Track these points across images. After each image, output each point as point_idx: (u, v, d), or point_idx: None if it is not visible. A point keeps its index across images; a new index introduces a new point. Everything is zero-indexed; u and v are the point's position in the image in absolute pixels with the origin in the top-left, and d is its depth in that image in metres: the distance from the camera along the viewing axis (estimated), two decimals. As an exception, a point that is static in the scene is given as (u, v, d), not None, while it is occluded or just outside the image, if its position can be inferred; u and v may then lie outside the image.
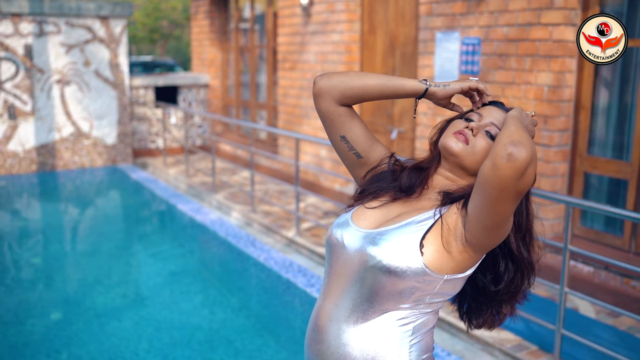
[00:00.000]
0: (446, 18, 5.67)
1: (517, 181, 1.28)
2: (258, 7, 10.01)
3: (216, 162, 9.34)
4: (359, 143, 1.68)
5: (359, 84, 1.62)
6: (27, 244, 6.61)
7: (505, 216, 1.36)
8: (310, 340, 1.59)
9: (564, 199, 3.37)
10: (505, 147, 1.27)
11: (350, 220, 1.58)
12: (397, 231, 1.48)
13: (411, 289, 1.46)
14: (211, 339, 4.29)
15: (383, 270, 1.45)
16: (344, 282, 1.53)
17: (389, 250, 1.45)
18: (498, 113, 1.58)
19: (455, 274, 1.48)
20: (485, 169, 1.31)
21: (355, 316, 1.50)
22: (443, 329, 4.16)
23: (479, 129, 1.54)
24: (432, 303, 1.51)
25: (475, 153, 1.53)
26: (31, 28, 9.12)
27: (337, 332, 1.52)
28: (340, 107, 1.66)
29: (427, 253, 1.44)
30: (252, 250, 5.76)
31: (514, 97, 5.11)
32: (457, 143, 1.53)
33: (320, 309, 1.57)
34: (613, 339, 3.93)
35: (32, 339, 4.23)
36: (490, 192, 1.31)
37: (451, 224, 1.47)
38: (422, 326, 1.53)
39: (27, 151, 9.33)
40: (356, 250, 1.51)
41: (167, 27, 25.32)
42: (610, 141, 4.86)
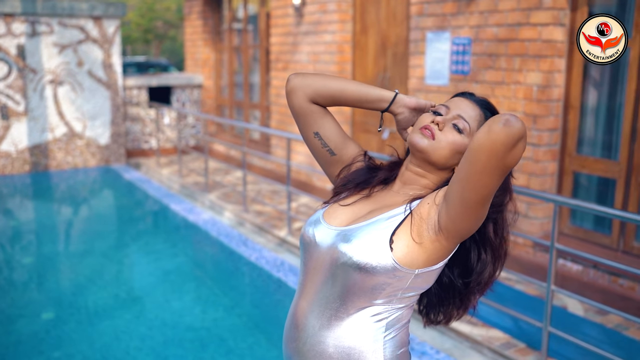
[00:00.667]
0: (437, 18, 5.70)
1: (508, 150, 1.28)
2: (251, 7, 10.03)
3: (209, 163, 9.35)
4: (332, 140, 1.70)
5: (335, 84, 1.66)
6: (19, 244, 6.61)
7: (489, 190, 1.35)
8: (287, 337, 1.60)
9: (550, 198, 3.41)
10: (502, 115, 1.29)
11: (322, 218, 1.59)
12: (368, 228, 1.49)
13: (382, 285, 1.46)
14: (203, 337, 4.31)
15: (354, 267, 1.45)
16: (317, 280, 1.54)
17: (359, 247, 1.46)
18: (467, 105, 1.57)
19: (426, 267, 1.48)
20: (479, 134, 1.30)
21: (329, 313, 1.51)
22: (432, 327, 4.18)
23: (445, 123, 1.54)
24: (405, 298, 1.52)
25: (442, 147, 1.52)
26: (24, 28, 9.12)
27: (312, 330, 1.53)
28: (312, 104, 1.68)
29: (397, 249, 1.45)
30: (243, 249, 5.78)
31: (504, 96, 5.15)
32: (422, 139, 1.53)
33: (296, 307, 1.59)
34: (600, 337, 3.96)
35: (24, 338, 4.24)
36: (479, 157, 1.30)
37: (424, 214, 1.47)
38: (396, 321, 1.53)
39: (19, 151, 9.33)
40: (328, 247, 1.53)
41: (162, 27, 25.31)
42: (599, 140, 4.90)
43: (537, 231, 5.02)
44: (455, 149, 1.53)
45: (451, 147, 1.53)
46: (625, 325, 4.13)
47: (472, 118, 1.55)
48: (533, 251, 5.07)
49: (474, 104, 1.58)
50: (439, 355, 3.82)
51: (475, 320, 4.14)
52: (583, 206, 3.28)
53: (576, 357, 3.68)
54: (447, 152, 1.53)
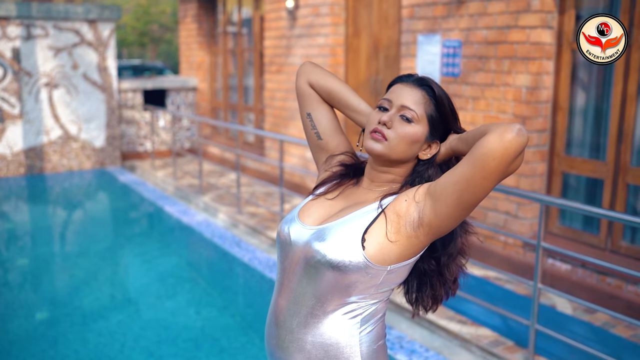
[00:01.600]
0: (427, 21, 5.77)
1: (514, 158, 1.32)
2: (245, 11, 10.09)
3: (204, 165, 9.40)
4: (321, 124, 1.75)
5: (335, 83, 1.74)
6: (14, 246, 6.65)
7: (485, 194, 1.39)
8: (268, 335, 1.63)
9: (536, 197, 3.47)
10: (513, 124, 1.32)
11: (297, 216, 1.62)
12: (340, 226, 1.51)
13: (355, 282, 1.48)
14: (196, 337, 4.35)
15: (327, 265, 1.47)
16: (293, 279, 1.56)
17: (333, 245, 1.47)
18: (408, 92, 1.55)
19: (398, 262, 1.49)
20: (489, 141, 1.32)
21: (305, 311, 1.53)
22: (422, 326, 4.24)
23: (392, 119, 1.53)
24: (379, 293, 1.54)
25: (397, 144, 1.53)
26: (19, 31, 9.16)
27: (290, 328, 1.56)
28: (311, 88, 1.76)
29: (369, 246, 1.46)
30: (237, 250, 5.83)
31: (494, 98, 5.22)
32: (375, 144, 1.53)
33: (275, 305, 1.61)
34: (588, 334, 4.02)
35: (18, 338, 4.28)
36: (489, 163, 1.32)
37: (401, 211, 1.48)
38: (371, 317, 1.55)
39: (15, 154, 9.37)
40: (302, 246, 1.55)
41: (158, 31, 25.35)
42: (587, 141, 4.97)
43: (527, 231, 5.08)
44: (409, 140, 1.53)
45: (405, 140, 1.53)
46: (612, 323, 4.19)
47: (417, 102, 1.54)
48: (523, 251, 5.13)
49: (413, 87, 1.56)
50: (428, 354, 3.87)
51: (464, 319, 4.20)
52: (568, 205, 3.34)
53: (563, 355, 3.74)
54: (403, 146, 1.53)
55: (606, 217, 3.19)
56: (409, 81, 1.58)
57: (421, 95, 1.55)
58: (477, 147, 1.35)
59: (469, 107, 5.45)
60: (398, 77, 1.62)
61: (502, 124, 1.34)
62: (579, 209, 3.25)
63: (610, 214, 3.13)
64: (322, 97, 1.76)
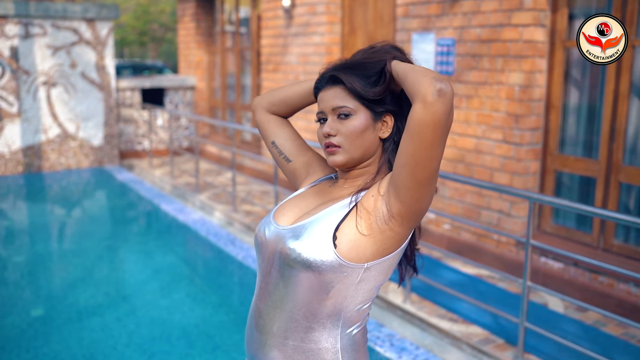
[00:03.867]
0: (422, 20, 5.79)
1: (448, 115, 1.29)
2: (243, 10, 10.11)
3: (202, 164, 9.42)
4: (286, 147, 1.76)
5: (282, 90, 1.76)
6: (11, 243, 6.67)
7: (438, 161, 1.36)
8: (247, 339, 1.61)
9: (524, 194, 3.48)
10: (431, 84, 1.28)
11: (272, 217, 1.60)
12: (313, 224, 1.48)
13: (331, 282, 1.45)
14: (190, 334, 4.37)
15: (302, 265, 1.45)
16: (270, 281, 1.54)
17: (306, 243, 1.45)
18: (329, 94, 1.54)
19: (376, 259, 1.46)
20: (416, 112, 1.29)
21: (284, 315, 1.51)
22: (413, 324, 4.26)
23: (333, 126, 1.52)
24: (359, 294, 1.50)
25: (351, 144, 1.51)
26: (17, 30, 9.18)
27: (270, 332, 1.53)
28: (269, 115, 1.78)
29: (341, 244, 1.43)
30: (231, 248, 5.85)
31: (487, 96, 5.23)
32: (333, 157, 1.53)
33: (254, 310, 1.59)
34: (579, 333, 4.04)
35: (12, 334, 4.30)
36: (425, 133, 1.30)
37: (369, 207, 1.45)
38: (353, 319, 1.53)
39: (13, 152, 9.39)
40: (277, 246, 1.53)
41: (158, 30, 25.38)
42: (580, 140, 4.98)
43: (520, 230, 5.10)
44: (359, 132, 1.51)
45: (355, 134, 1.51)
46: (603, 321, 4.20)
47: (341, 97, 1.51)
48: (516, 250, 5.14)
49: (330, 87, 1.55)
50: (419, 351, 3.89)
51: (455, 317, 4.21)
52: (555, 202, 3.36)
53: (553, 353, 3.75)
54: (358, 141, 1.52)
55: (594, 214, 3.20)
56: (324, 87, 1.56)
57: (340, 90, 1.52)
58: (409, 121, 1.33)
59: (462, 105, 5.47)
60: (315, 88, 1.61)
61: (422, 81, 1.30)
62: (566, 206, 3.27)
63: (598, 212, 3.15)
64: (283, 112, 1.77)
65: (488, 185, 3.83)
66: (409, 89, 1.35)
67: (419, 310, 4.30)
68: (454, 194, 5.66)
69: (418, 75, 1.33)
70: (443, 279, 4.87)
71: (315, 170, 1.73)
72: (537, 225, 5.18)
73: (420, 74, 1.32)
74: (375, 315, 4.42)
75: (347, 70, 1.52)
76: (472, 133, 5.40)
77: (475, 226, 3.95)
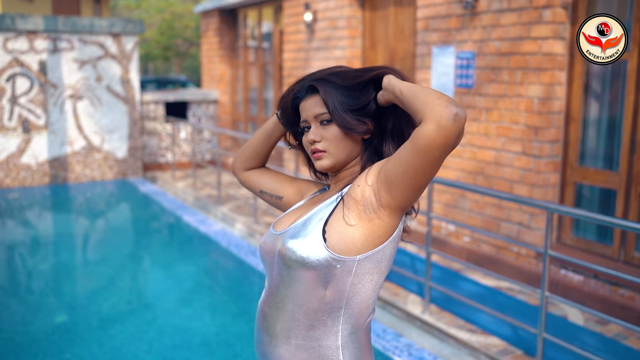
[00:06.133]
0: (442, 33, 5.83)
1: (458, 138, 1.36)
2: (265, 25, 10.25)
3: (224, 176, 9.52)
4: (273, 188, 1.87)
5: (247, 142, 1.89)
6: (37, 252, 6.81)
7: (435, 173, 1.42)
8: (256, 340, 1.69)
9: (542, 205, 3.49)
10: (447, 108, 1.32)
11: (272, 227, 1.70)
12: (303, 223, 1.56)
13: (327, 278, 1.50)
14: (211, 342, 4.42)
15: (298, 264, 1.51)
16: (273, 284, 1.62)
17: (298, 242, 1.51)
18: (310, 103, 1.60)
19: (368, 250, 1.50)
20: (428, 132, 1.33)
21: (286, 316, 1.57)
22: (432, 334, 4.27)
23: (316, 134, 1.59)
24: (358, 289, 1.54)
25: (335, 148, 1.58)
26: (46, 44, 9.40)
27: (274, 333, 1.60)
28: (248, 171, 1.91)
29: (331, 238, 1.49)
30: (252, 259, 5.91)
31: (506, 109, 5.25)
32: (321, 162, 1.60)
33: (259, 312, 1.67)
34: (599, 345, 4.02)
35: (38, 339, 4.39)
36: (433, 152, 1.35)
37: (357, 197, 1.49)
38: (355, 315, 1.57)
39: (40, 164, 9.58)
40: (275, 249, 1.61)
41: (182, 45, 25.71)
42: (600, 152, 4.97)
43: (539, 242, 5.09)
44: (342, 136, 1.58)
45: (339, 138, 1.58)
46: (624, 334, 4.18)
47: (321, 104, 1.58)
48: (535, 262, 5.13)
49: (310, 97, 1.61)
50: (437, 361, 3.90)
51: (474, 328, 4.22)
52: (574, 213, 3.37)
53: (572, 363, 3.74)
54: (342, 144, 1.58)
55: (612, 224, 3.20)
56: (304, 96, 1.63)
57: (317, 98, 1.59)
58: (417, 137, 1.36)
59: (482, 118, 5.49)
60: (295, 98, 1.65)
61: (437, 104, 1.34)
62: (584, 216, 3.28)
63: (616, 222, 3.15)
64: (257, 164, 1.89)
65: (506, 196, 3.84)
66: (418, 107, 1.39)
67: (437, 321, 4.31)
68: (473, 207, 5.67)
69: (431, 96, 1.37)
70: (462, 291, 4.88)
71: (308, 190, 1.82)
72: (557, 238, 5.17)
73: (434, 96, 1.37)
74: (394, 325, 4.44)
75: (324, 80, 1.59)
76: (492, 145, 5.42)
77: (494, 237, 3.96)
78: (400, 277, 5.09)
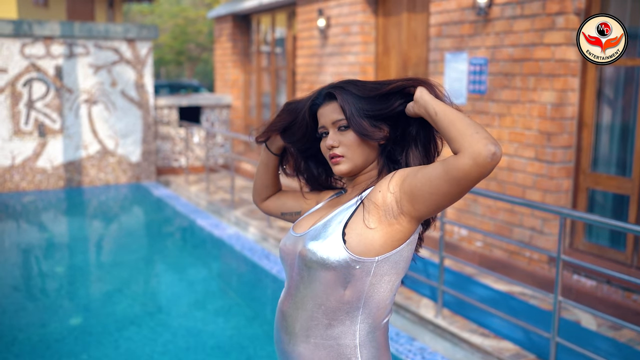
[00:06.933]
0: (455, 39, 5.87)
1: (489, 173, 1.40)
2: (279, 30, 10.32)
3: (237, 181, 9.58)
4: (292, 207, 1.94)
5: (254, 181, 2.01)
6: (53, 255, 6.88)
7: (460, 198, 1.47)
8: (275, 339, 1.74)
9: (555, 210, 3.52)
10: (487, 147, 1.35)
11: (291, 229, 1.76)
12: (323, 225, 1.61)
13: (346, 278, 1.55)
14: (224, 344, 4.46)
15: (318, 264, 1.56)
16: (292, 284, 1.66)
17: (318, 243, 1.56)
18: (328, 109, 1.65)
19: (386, 252, 1.54)
20: (463, 165, 1.37)
21: (305, 315, 1.62)
22: (445, 338, 4.29)
23: (335, 139, 1.63)
24: (376, 289, 1.58)
25: (353, 152, 1.62)
26: (62, 50, 9.52)
27: (293, 332, 1.65)
28: (267, 201, 1.99)
29: (351, 239, 1.53)
30: (265, 263, 5.96)
31: (519, 114, 5.27)
32: (338, 166, 1.64)
33: (279, 312, 1.72)
34: (612, 350, 4.03)
35: (53, 341, 4.45)
36: (465, 183, 1.40)
37: (378, 201, 1.54)
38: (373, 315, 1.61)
39: (55, 168, 9.69)
40: (296, 251, 1.66)
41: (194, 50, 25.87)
42: (613, 158, 4.99)
43: (552, 247, 5.10)
44: (359, 142, 1.62)
45: (357, 144, 1.62)
46: (638, 340, 4.18)
47: (337, 111, 1.63)
48: (548, 267, 5.14)
49: (328, 103, 1.66)
50: (450, 364, 3.92)
51: (487, 332, 4.24)
52: (586, 218, 3.38)
53: (584, 368, 3.75)
54: (359, 149, 1.63)
55: (624, 229, 3.22)
56: (322, 103, 1.67)
57: (335, 104, 1.64)
58: (452, 167, 1.40)
59: (495, 124, 5.52)
60: (313, 104, 1.70)
61: (476, 139, 1.37)
62: (596, 221, 3.30)
63: (629, 227, 3.17)
64: (272, 191, 1.98)
65: (519, 201, 3.87)
66: (455, 137, 1.41)
67: (450, 325, 4.33)
68: (486, 212, 5.69)
69: (469, 129, 1.40)
70: (474, 295, 4.90)
71: (324, 194, 1.87)
72: (570, 243, 5.18)
73: (472, 129, 1.39)
74: (407, 329, 4.46)
75: (342, 88, 1.63)
76: (505, 151, 5.44)
77: (507, 241, 3.99)
78: (414, 281, 5.12)
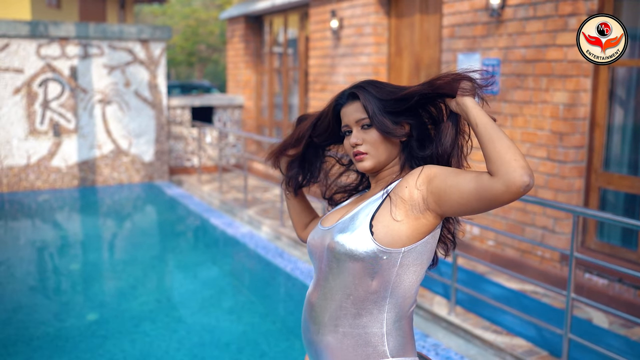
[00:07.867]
0: (467, 40, 5.91)
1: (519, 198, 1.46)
2: (291, 31, 10.38)
3: (249, 180, 9.65)
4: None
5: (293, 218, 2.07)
6: (68, 253, 6.98)
7: None
8: (303, 329, 1.79)
9: (568, 208, 3.56)
10: (522, 177, 1.40)
11: (319, 224, 1.82)
12: (351, 218, 1.67)
13: (374, 269, 1.60)
14: (238, 341, 4.52)
15: (347, 256, 1.61)
16: (321, 276, 1.72)
17: (346, 236, 1.62)
18: (351, 108, 1.71)
19: (412, 243, 1.60)
20: (496, 189, 1.43)
21: (334, 305, 1.67)
22: (458, 335, 4.34)
23: (359, 137, 1.70)
24: (402, 279, 1.64)
25: (376, 150, 1.69)
26: (77, 50, 9.63)
27: (322, 322, 1.70)
28: (306, 231, 2.04)
29: (378, 231, 1.59)
30: (279, 261, 6.02)
31: (531, 115, 5.31)
32: (362, 163, 1.71)
33: (307, 302, 1.77)
34: (624, 348, 4.06)
35: (71, 336, 4.53)
36: (494, 204, 1.46)
37: (405, 196, 1.59)
38: (399, 305, 1.66)
39: (69, 167, 9.79)
40: (324, 243, 1.72)
41: (205, 51, 25.98)
42: (625, 157, 5.01)
43: (564, 246, 5.13)
44: (382, 139, 1.69)
45: (379, 142, 1.69)
46: (649, 338, 4.21)
47: (360, 110, 1.70)
48: (560, 266, 5.18)
49: (351, 103, 1.72)
50: (463, 361, 3.96)
51: (499, 329, 4.28)
52: (599, 216, 3.42)
53: (596, 365, 3.78)
54: (382, 147, 1.70)
55: (638, 227, 3.26)
56: (345, 102, 1.75)
57: (358, 104, 1.71)
58: (484, 189, 1.45)
59: (507, 124, 5.55)
60: (336, 104, 1.77)
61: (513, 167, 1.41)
62: (609, 219, 3.34)
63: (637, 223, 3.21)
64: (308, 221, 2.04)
65: (532, 200, 3.91)
66: (493, 158, 1.45)
67: (463, 322, 4.37)
68: (498, 211, 5.73)
69: (508, 154, 1.43)
70: (487, 293, 4.94)
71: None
72: (582, 242, 5.21)
73: (510, 155, 1.42)
74: (421, 326, 4.51)
75: (363, 88, 1.70)
76: (517, 151, 5.47)
77: (519, 239, 4.03)
78: (427, 279, 5.17)
